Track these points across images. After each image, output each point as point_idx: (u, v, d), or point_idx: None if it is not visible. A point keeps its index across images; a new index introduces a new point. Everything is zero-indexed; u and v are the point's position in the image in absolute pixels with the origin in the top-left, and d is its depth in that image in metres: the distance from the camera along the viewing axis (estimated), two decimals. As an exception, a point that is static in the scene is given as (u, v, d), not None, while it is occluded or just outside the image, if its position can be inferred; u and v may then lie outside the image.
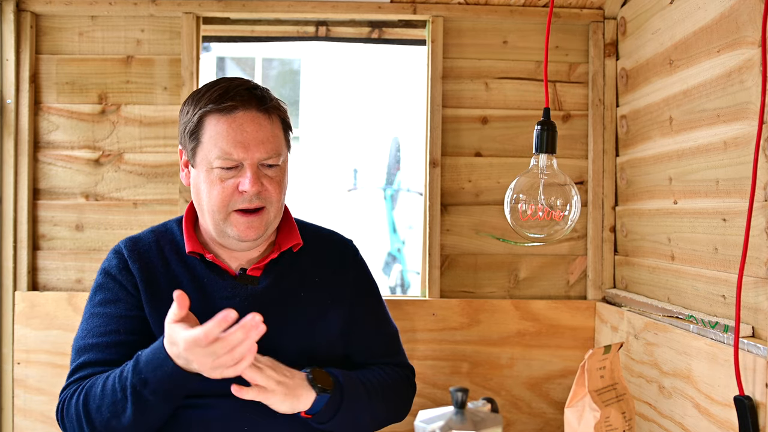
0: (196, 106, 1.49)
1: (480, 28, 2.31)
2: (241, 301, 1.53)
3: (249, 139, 1.46)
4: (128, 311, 1.51)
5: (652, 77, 1.99)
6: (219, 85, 1.49)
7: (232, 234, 1.49)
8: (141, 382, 1.35)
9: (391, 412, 1.64)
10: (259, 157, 1.47)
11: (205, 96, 1.49)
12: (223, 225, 1.49)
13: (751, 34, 1.48)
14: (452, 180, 2.31)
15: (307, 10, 2.26)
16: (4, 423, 2.21)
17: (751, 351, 1.43)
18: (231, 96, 1.46)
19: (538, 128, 1.45)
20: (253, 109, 1.48)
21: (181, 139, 1.55)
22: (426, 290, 2.29)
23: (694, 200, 1.75)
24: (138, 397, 1.35)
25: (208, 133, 1.47)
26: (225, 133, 1.45)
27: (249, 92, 1.48)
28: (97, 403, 1.39)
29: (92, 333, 1.50)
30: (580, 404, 1.45)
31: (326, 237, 1.73)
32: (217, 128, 1.46)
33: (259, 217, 1.49)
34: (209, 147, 1.47)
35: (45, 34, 2.26)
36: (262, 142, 1.47)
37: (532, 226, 1.44)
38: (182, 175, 1.58)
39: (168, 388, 1.35)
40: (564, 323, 2.27)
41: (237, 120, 1.46)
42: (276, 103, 1.53)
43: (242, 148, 1.45)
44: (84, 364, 1.47)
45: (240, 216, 1.48)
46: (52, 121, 2.26)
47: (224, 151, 1.45)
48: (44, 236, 2.26)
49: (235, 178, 1.47)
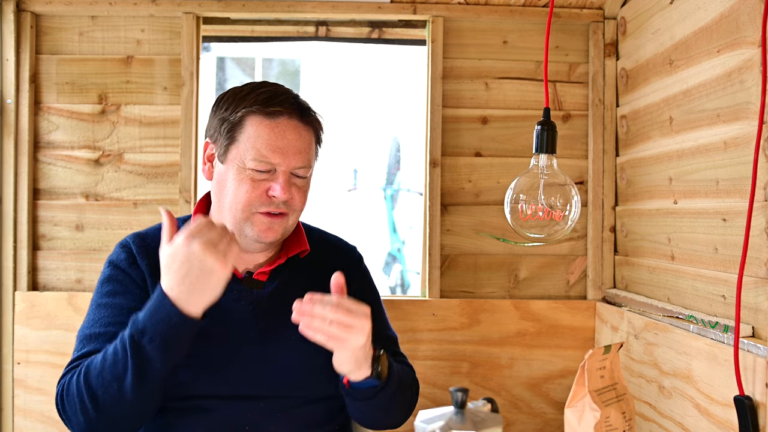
0: (239, 104, 1.49)
1: (480, 28, 2.31)
2: (246, 305, 1.53)
3: (288, 146, 1.47)
4: (136, 303, 1.49)
5: (652, 77, 1.99)
6: (265, 88, 1.51)
7: (250, 234, 1.49)
8: (139, 332, 1.31)
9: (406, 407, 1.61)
10: (294, 165, 1.48)
11: (251, 96, 1.49)
12: (243, 224, 1.49)
13: (751, 34, 1.48)
14: (452, 180, 2.31)
15: (307, 10, 2.26)
16: (4, 423, 2.21)
17: (751, 351, 1.43)
18: (279, 102, 1.48)
19: (538, 128, 1.45)
20: (296, 118, 1.50)
21: (212, 132, 1.53)
22: (426, 290, 2.29)
23: (694, 200, 1.75)
24: (137, 349, 1.30)
25: (247, 132, 1.47)
26: (266, 136, 1.46)
27: (295, 101, 1.51)
28: (98, 369, 1.34)
29: (100, 323, 1.47)
30: (580, 404, 1.45)
31: (332, 243, 1.73)
32: (258, 130, 1.47)
33: (280, 220, 1.50)
34: (246, 147, 1.47)
35: (45, 34, 2.26)
36: (299, 151, 1.49)
37: (532, 226, 1.44)
38: (204, 168, 1.56)
39: (166, 334, 1.30)
40: (564, 323, 2.27)
41: (280, 126, 1.47)
42: (317, 117, 1.56)
43: (280, 154, 1.46)
44: (89, 353, 1.44)
45: (264, 217, 1.48)
46: (52, 121, 2.26)
47: (262, 153, 1.46)
48: (44, 236, 2.26)
49: (267, 182, 1.47)
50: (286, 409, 1.50)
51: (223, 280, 1.31)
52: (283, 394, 1.51)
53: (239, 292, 1.54)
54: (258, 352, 1.50)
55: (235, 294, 1.53)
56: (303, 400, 1.52)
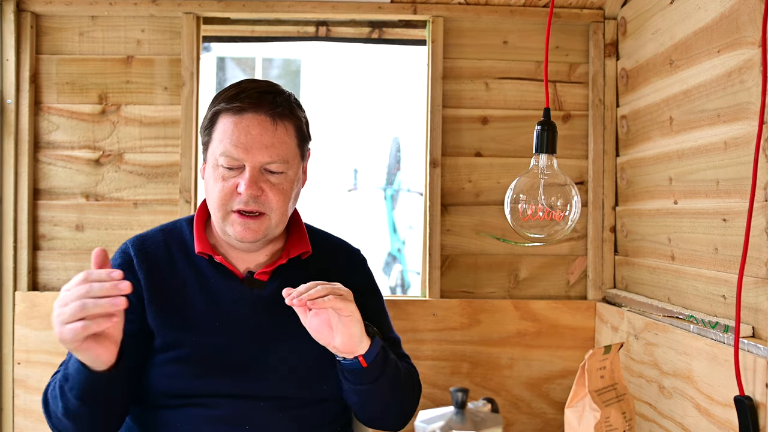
0: (213, 103, 1.52)
1: (480, 28, 2.31)
2: (246, 305, 1.53)
3: (252, 142, 1.46)
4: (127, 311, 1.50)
5: (652, 77, 1.99)
6: (238, 86, 1.51)
7: (231, 233, 1.50)
8: (63, 377, 1.36)
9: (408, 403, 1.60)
10: (260, 161, 1.46)
11: (223, 94, 1.51)
12: (223, 223, 1.50)
13: (751, 34, 1.48)
14: (452, 180, 2.31)
15: (307, 10, 2.26)
16: (4, 423, 2.21)
17: (752, 351, 1.43)
18: (242, 97, 1.47)
19: (538, 128, 1.45)
20: (262, 113, 1.47)
21: (200, 132, 1.58)
22: (426, 290, 2.29)
23: (695, 200, 1.75)
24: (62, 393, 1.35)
25: (218, 130, 1.49)
26: (230, 132, 1.47)
27: (261, 96, 1.48)
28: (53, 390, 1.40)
29: None
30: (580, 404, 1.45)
31: (335, 245, 1.73)
32: (225, 127, 1.48)
33: (257, 221, 1.48)
34: (216, 144, 1.48)
35: (45, 34, 2.26)
36: (266, 146, 1.46)
37: (532, 227, 1.44)
38: (200, 168, 1.59)
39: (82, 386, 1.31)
40: (564, 323, 2.27)
41: (244, 121, 1.47)
42: (289, 110, 1.51)
43: (243, 150, 1.45)
44: None
45: (237, 216, 1.48)
46: (53, 121, 2.26)
47: (227, 149, 1.46)
48: (44, 236, 2.26)
49: (236, 179, 1.47)
50: (286, 409, 1.50)
51: (95, 349, 1.23)
52: (284, 395, 1.51)
53: (240, 292, 1.54)
54: (258, 351, 1.50)
55: (236, 293, 1.53)
56: (304, 400, 1.52)
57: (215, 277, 1.54)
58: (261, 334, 1.52)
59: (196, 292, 1.53)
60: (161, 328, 1.50)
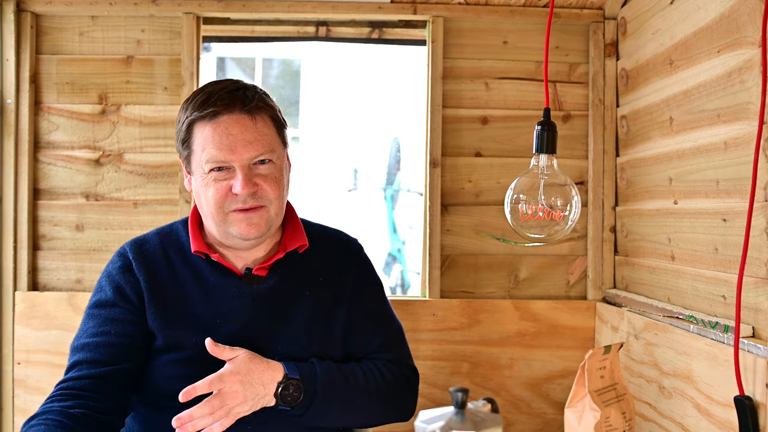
0: (184, 115, 1.50)
1: (480, 28, 2.32)
2: (246, 301, 1.54)
3: (235, 142, 1.46)
4: (123, 315, 1.51)
5: (652, 77, 1.99)
6: (204, 91, 1.50)
7: (235, 233, 1.50)
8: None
9: (384, 411, 1.61)
10: (248, 158, 1.47)
11: (192, 104, 1.49)
12: (224, 226, 1.50)
13: (751, 34, 1.48)
14: (452, 180, 2.31)
15: (307, 10, 2.26)
16: (4, 423, 2.21)
17: (751, 351, 1.43)
18: (213, 101, 1.46)
19: (538, 128, 1.45)
20: (237, 111, 1.47)
21: (177, 147, 1.56)
22: (426, 290, 2.29)
23: (694, 200, 1.75)
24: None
25: (197, 140, 1.48)
26: (211, 138, 1.46)
27: (231, 95, 1.48)
28: None
29: (86, 333, 1.51)
30: (580, 404, 1.45)
31: (331, 236, 1.73)
32: (203, 135, 1.47)
33: (258, 213, 1.49)
34: (199, 154, 1.48)
35: (45, 35, 2.26)
36: (249, 142, 1.46)
37: (532, 227, 1.44)
38: (186, 182, 1.59)
39: None
40: (564, 323, 2.27)
41: (221, 124, 1.46)
42: (261, 102, 1.51)
43: (229, 151, 1.45)
44: (75, 363, 1.49)
45: (239, 213, 1.48)
46: (53, 121, 2.26)
47: (212, 155, 1.46)
48: (44, 236, 2.26)
49: (228, 180, 1.47)
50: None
51: None
52: None
53: (239, 289, 1.55)
54: (259, 347, 1.50)
55: (235, 291, 1.54)
56: None
57: (214, 276, 1.55)
58: (262, 329, 1.53)
59: (196, 292, 1.53)
60: (162, 329, 1.50)
